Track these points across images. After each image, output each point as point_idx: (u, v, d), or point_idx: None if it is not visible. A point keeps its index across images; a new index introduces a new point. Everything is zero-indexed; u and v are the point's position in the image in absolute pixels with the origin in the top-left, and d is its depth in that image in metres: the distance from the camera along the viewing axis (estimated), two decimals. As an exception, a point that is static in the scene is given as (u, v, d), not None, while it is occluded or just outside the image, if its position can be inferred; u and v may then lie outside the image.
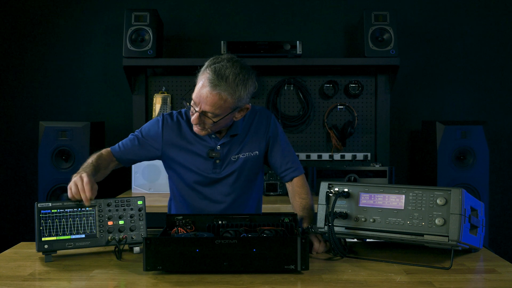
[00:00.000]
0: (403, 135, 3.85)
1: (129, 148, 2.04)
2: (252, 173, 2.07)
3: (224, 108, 1.81)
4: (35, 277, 1.54)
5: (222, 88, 1.77)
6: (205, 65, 1.84)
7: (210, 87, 1.77)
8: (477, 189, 3.26)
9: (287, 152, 2.08)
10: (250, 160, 2.03)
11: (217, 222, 1.81)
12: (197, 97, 1.82)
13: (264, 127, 2.05)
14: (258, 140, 2.04)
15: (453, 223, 1.55)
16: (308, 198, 2.02)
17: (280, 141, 2.07)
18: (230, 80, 1.78)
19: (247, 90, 1.84)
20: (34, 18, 3.80)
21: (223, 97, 1.78)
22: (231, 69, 1.80)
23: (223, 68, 1.79)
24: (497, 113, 3.81)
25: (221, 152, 2.00)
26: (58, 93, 3.81)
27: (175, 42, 3.83)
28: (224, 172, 2.02)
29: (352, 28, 3.80)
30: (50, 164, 3.24)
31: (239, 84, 1.80)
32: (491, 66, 3.81)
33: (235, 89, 1.79)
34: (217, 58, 1.85)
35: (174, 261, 1.51)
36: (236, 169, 2.02)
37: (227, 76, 1.78)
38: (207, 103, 1.79)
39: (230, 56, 1.86)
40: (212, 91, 1.77)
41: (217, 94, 1.78)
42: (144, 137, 2.04)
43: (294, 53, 3.46)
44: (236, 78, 1.79)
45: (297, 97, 3.73)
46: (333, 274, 1.54)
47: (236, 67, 1.81)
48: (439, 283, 1.45)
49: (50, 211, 1.69)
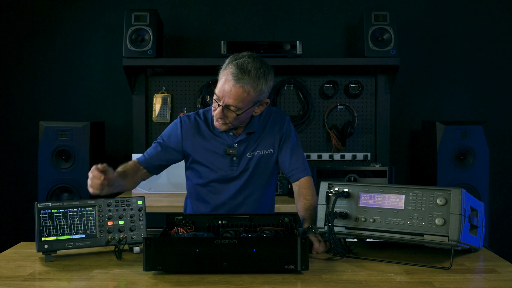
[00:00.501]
0: (403, 135, 3.85)
1: (153, 155, 2.11)
2: (267, 171, 2.12)
3: (247, 102, 1.90)
4: (35, 277, 1.54)
5: (246, 81, 1.86)
6: (226, 62, 1.93)
7: (234, 80, 1.86)
8: (477, 189, 3.26)
9: (296, 152, 2.12)
10: (264, 157, 2.09)
11: (217, 222, 1.81)
12: (221, 91, 1.90)
13: (279, 126, 2.12)
14: (272, 139, 2.10)
15: (453, 223, 1.55)
16: (313, 200, 2.04)
17: (291, 141, 2.12)
18: (253, 74, 1.87)
19: (267, 84, 1.93)
20: (34, 18, 3.80)
21: (246, 90, 1.87)
22: (253, 63, 1.89)
23: (245, 63, 1.88)
24: (497, 113, 3.81)
25: (238, 149, 2.06)
26: (58, 93, 3.81)
27: (175, 42, 3.83)
28: (240, 169, 2.07)
29: (352, 28, 3.80)
30: (50, 164, 3.24)
31: (261, 77, 1.89)
32: (491, 66, 3.81)
33: (257, 83, 1.88)
34: (238, 55, 1.94)
35: (174, 261, 1.51)
36: (251, 165, 2.08)
37: (249, 70, 1.87)
38: (230, 97, 1.87)
39: (249, 53, 1.95)
40: (236, 84, 1.86)
41: (241, 87, 1.86)
42: (165, 142, 2.12)
43: (294, 53, 3.46)
44: (258, 72, 1.88)
45: (297, 97, 3.73)
46: (333, 274, 1.54)
47: (256, 62, 1.91)
48: (439, 283, 1.45)
49: (50, 211, 1.69)
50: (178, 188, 3.29)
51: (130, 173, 2.04)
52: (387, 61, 3.43)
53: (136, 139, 3.65)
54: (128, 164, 2.09)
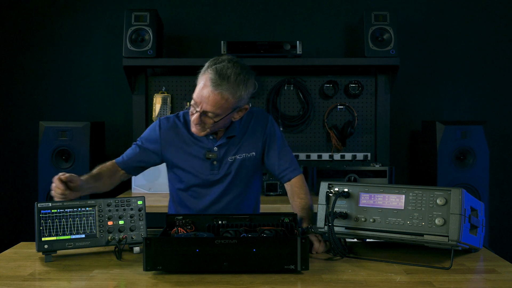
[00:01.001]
0: (403, 135, 3.85)
1: (131, 157, 2.08)
2: (249, 174, 2.08)
3: (225, 108, 1.84)
4: (35, 277, 1.54)
5: (224, 87, 1.80)
6: (206, 66, 1.87)
7: (212, 86, 1.80)
8: (477, 189, 3.26)
9: (284, 153, 2.08)
10: (247, 161, 2.05)
11: (217, 222, 1.81)
12: (198, 97, 1.84)
13: (261, 128, 2.06)
14: (255, 141, 2.05)
15: (453, 223, 1.55)
16: (307, 198, 2.02)
17: (277, 141, 2.07)
18: (232, 80, 1.81)
19: (247, 90, 1.87)
20: (34, 18, 3.80)
21: (224, 97, 1.81)
22: (232, 69, 1.82)
23: (224, 68, 1.82)
24: (497, 113, 3.81)
25: (218, 153, 2.01)
26: (58, 93, 3.81)
27: (175, 42, 3.83)
28: (221, 173, 2.03)
29: (352, 28, 3.80)
30: (50, 164, 3.24)
31: (240, 83, 1.83)
32: (491, 66, 3.81)
33: (236, 89, 1.82)
34: (217, 59, 1.87)
35: (174, 261, 1.51)
36: (233, 169, 2.03)
37: (228, 75, 1.81)
38: (208, 103, 1.82)
39: (230, 57, 1.89)
40: (214, 91, 1.80)
41: (219, 94, 1.80)
42: (144, 144, 2.09)
43: (294, 53, 3.46)
44: (237, 78, 1.82)
45: (297, 97, 3.73)
46: (333, 274, 1.54)
47: (236, 67, 1.84)
48: (439, 283, 1.45)
49: (50, 211, 1.69)
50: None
51: (106, 174, 2.01)
52: (387, 61, 3.43)
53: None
54: (106, 165, 2.05)
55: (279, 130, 2.12)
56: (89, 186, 1.89)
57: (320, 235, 1.79)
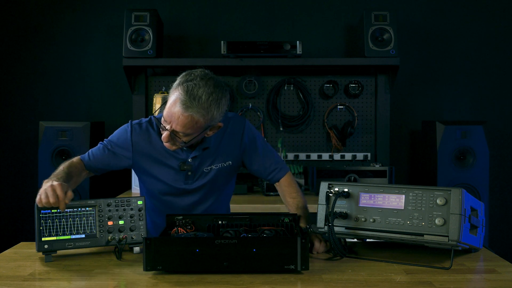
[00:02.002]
0: (403, 135, 3.85)
1: (98, 158, 1.96)
2: (224, 182, 2.04)
3: (196, 128, 1.75)
4: (35, 277, 1.54)
5: (194, 110, 1.69)
6: (177, 81, 1.75)
7: (182, 108, 1.70)
8: (477, 189, 3.26)
9: (267, 155, 2.01)
10: (223, 170, 1.98)
11: (217, 222, 1.81)
12: (168, 116, 1.73)
13: (238, 135, 1.98)
14: (231, 150, 1.98)
15: (453, 223, 1.55)
16: (299, 196, 1.99)
17: (258, 146, 2.00)
18: (203, 101, 1.70)
19: (220, 110, 1.76)
20: (34, 18, 3.80)
21: (195, 119, 1.71)
22: (204, 88, 1.71)
23: (195, 88, 1.70)
24: (497, 113, 3.81)
25: (192, 164, 1.94)
26: (58, 93, 3.81)
27: (175, 42, 3.83)
28: (196, 184, 1.97)
29: (352, 28, 3.80)
30: (50, 164, 3.24)
31: (212, 104, 1.72)
32: (491, 66, 3.81)
33: (208, 110, 1.72)
34: (190, 75, 1.75)
35: (174, 261, 1.51)
36: (209, 180, 1.97)
37: (199, 96, 1.70)
38: (178, 124, 1.72)
39: (203, 72, 1.77)
40: (184, 113, 1.70)
41: (189, 116, 1.70)
42: (113, 147, 1.96)
43: (294, 53, 3.46)
44: (209, 98, 1.71)
45: (297, 97, 3.73)
46: (333, 274, 1.54)
47: (209, 86, 1.72)
48: (439, 283, 1.45)
49: (50, 211, 1.69)
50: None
51: (75, 174, 1.88)
52: (387, 61, 3.43)
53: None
54: (73, 163, 1.91)
55: (258, 132, 2.04)
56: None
57: (320, 235, 1.79)
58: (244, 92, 3.66)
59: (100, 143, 2.00)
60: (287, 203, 2.01)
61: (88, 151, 1.99)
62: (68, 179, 1.79)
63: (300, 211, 1.94)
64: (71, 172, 1.86)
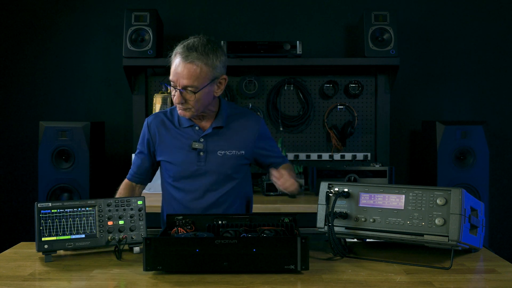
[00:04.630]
0: (403, 135, 3.85)
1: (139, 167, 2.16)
2: (236, 171, 2.08)
3: (202, 79, 1.88)
4: (35, 277, 1.54)
5: (194, 56, 1.86)
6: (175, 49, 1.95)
7: (183, 59, 1.87)
8: (477, 189, 3.26)
9: (275, 149, 2.21)
10: (236, 158, 2.06)
11: (217, 222, 1.81)
12: (174, 75, 1.90)
13: (254, 129, 2.10)
14: (245, 140, 2.08)
15: (453, 223, 1.55)
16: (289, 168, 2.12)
17: (270, 143, 2.18)
18: (200, 50, 1.88)
19: (219, 58, 1.92)
20: (34, 18, 3.80)
21: (198, 65, 1.86)
22: (199, 41, 1.92)
23: (191, 43, 1.92)
24: (497, 113, 3.81)
25: (204, 144, 2.02)
26: (58, 93, 3.81)
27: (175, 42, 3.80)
28: (208, 166, 2.03)
29: (352, 28, 3.80)
30: (50, 164, 3.24)
31: (210, 52, 1.89)
32: (491, 66, 3.81)
33: (207, 57, 1.88)
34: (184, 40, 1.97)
35: (174, 261, 1.51)
36: (220, 164, 2.04)
37: (196, 46, 1.89)
38: (184, 77, 1.87)
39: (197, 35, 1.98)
40: (186, 62, 1.86)
41: (191, 63, 1.86)
42: (141, 149, 2.14)
43: (294, 53, 3.46)
44: (206, 47, 1.90)
45: (297, 97, 3.73)
46: (333, 274, 1.54)
47: (203, 39, 1.94)
48: (439, 283, 1.45)
49: (50, 211, 1.69)
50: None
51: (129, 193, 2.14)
52: (387, 61, 3.43)
53: (136, 139, 3.65)
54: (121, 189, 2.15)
55: (269, 131, 2.24)
56: None
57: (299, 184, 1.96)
58: (244, 92, 3.66)
59: (134, 155, 2.23)
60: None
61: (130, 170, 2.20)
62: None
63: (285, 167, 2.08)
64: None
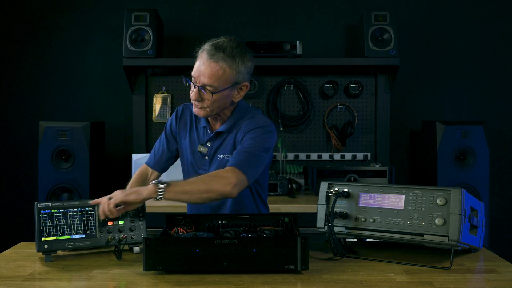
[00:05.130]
0: (403, 135, 3.85)
1: (158, 149, 2.10)
2: None
3: (223, 80, 1.83)
4: (35, 277, 1.54)
5: (220, 57, 1.81)
6: (203, 45, 1.90)
7: (209, 57, 1.82)
8: (477, 189, 3.26)
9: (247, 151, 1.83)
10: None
11: (217, 222, 1.81)
12: (196, 71, 1.85)
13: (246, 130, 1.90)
14: (238, 144, 1.92)
15: (453, 223, 1.55)
16: (200, 179, 1.74)
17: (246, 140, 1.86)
18: (228, 51, 1.83)
19: (244, 63, 1.87)
20: (34, 18, 3.79)
21: (221, 66, 1.81)
22: (229, 43, 1.86)
23: (220, 42, 1.86)
24: (497, 113, 3.81)
25: (209, 147, 1.97)
26: (58, 93, 3.81)
27: (175, 42, 3.83)
28: (211, 170, 1.94)
29: (352, 28, 3.80)
30: (50, 164, 3.24)
31: (237, 56, 1.84)
32: (491, 66, 3.81)
33: (233, 60, 1.83)
34: (215, 39, 1.92)
35: (174, 261, 1.51)
36: (220, 168, 1.87)
37: (224, 47, 1.83)
38: (205, 75, 1.82)
39: (228, 36, 1.92)
40: (210, 60, 1.81)
41: (215, 63, 1.81)
42: (167, 132, 2.10)
43: (294, 53, 3.46)
44: (234, 50, 1.84)
45: (297, 97, 3.73)
46: (333, 274, 1.54)
47: (233, 42, 1.88)
48: (439, 283, 1.45)
49: (50, 211, 1.69)
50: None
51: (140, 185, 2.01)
52: (387, 61, 3.43)
53: (136, 139, 3.65)
54: (134, 177, 2.09)
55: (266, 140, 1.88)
56: None
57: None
58: (244, 92, 3.65)
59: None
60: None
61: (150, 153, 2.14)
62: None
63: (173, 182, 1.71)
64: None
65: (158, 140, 2.13)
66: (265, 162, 1.91)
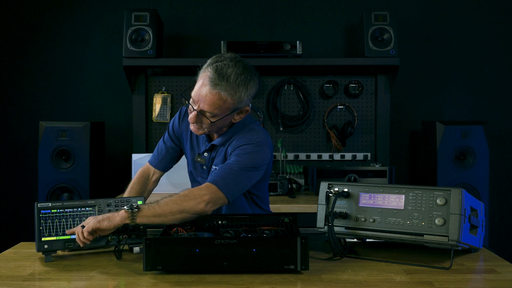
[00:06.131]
0: (403, 135, 3.85)
1: (161, 147, 2.09)
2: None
3: (223, 109, 1.76)
4: (35, 277, 1.54)
5: (223, 87, 1.72)
6: (207, 63, 1.79)
7: (210, 86, 1.72)
8: (477, 189, 3.26)
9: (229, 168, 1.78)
10: None
11: (217, 222, 1.81)
12: (196, 95, 1.76)
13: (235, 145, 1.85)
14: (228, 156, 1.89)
15: (453, 223, 1.55)
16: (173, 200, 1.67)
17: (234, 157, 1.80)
18: (231, 80, 1.72)
19: (248, 91, 1.78)
20: (34, 18, 3.79)
21: (222, 97, 1.73)
22: (233, 68, 1.74)
23: (225, 67, 1.73)
24: (497, 113, 3.81)
25: (206, 158, 1.95)
26: (58, 93, 3.81)
27: (175, 42, 3.83)
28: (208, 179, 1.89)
29: (352, 28, 3.80)
30: (50, 164, 3.24)
31: (240, 85, 1.74)
32: (491, 66, 3.81)
33: (236, 90, 1.73)
34: (220, 57, 1.79)
35: (174, 261, 1.51)
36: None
37: (228, 75, 1.72)
38: (206, 102, 1.74)
39: (233, 55, 1.80)
40: (212, 90, 1.72)
41: (217, 94, 1.72)
42: (170, 132, 2.08)
43: (294, 53, 3.46)
44: (238, 78, 1.73)
45: (297, 97, 3.73)
46: (333, 274, 1.54)
47: (238, 67, 1.75)
48: (439, 283, 1.45)
49: (50, 211, 1.69)
50: (178, 188, 3.29)
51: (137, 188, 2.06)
52: (387, 61, 3.43)
53: (136, 139, 3.65)
54: (135, 178, 2.09)
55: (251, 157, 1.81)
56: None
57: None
58: (244, 92, 3.65)
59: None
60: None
61: (153, 153, 2.13)
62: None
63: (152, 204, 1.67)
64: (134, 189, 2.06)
65: (161, 139, 2.12)
66: (252, 179, 1.83)
